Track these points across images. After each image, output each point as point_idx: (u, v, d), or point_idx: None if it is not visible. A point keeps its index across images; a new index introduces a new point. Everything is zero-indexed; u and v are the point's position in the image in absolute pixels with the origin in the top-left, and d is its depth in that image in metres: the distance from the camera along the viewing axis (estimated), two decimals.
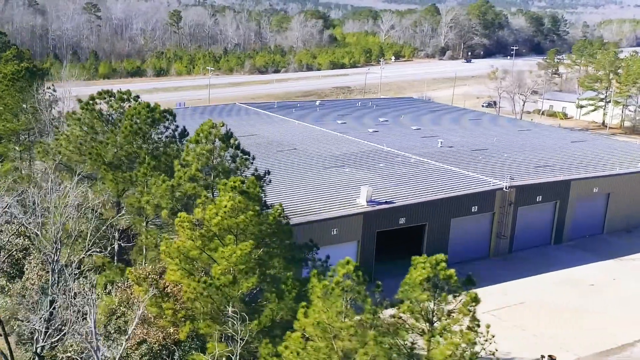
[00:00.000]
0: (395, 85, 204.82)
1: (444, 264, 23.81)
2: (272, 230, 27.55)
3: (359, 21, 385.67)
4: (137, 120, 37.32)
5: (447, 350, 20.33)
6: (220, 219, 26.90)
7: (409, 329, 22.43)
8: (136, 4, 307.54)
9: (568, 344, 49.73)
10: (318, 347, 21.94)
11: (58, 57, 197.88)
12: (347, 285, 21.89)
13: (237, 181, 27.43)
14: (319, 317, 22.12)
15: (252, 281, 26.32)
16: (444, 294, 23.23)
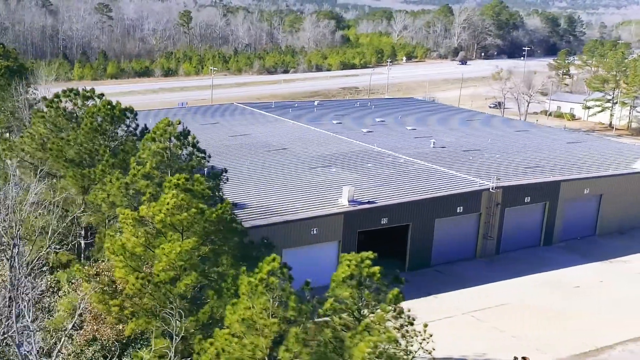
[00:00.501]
0: (405, 85, 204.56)
1: (369, 262, 23.78)
2: (215, 228, 27.70)
3: (373, 22, 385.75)
4: (97, 118, 37.67)
5: (366, 347, 20.33)
6: (163, 216, 27.12)
7: (334, 326, 22.40)
8: (148, 5, 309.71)
9: (545, 345, 49.41)
10: (243, 344, 22.04)
11: (67, 57, 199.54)
12: (271, 282, 21.94)
13: (181, 178, 27.63)
14: (244, 314, 22.23)
15: (191, 278, 26.47)
16: (367, 292, 23.21)
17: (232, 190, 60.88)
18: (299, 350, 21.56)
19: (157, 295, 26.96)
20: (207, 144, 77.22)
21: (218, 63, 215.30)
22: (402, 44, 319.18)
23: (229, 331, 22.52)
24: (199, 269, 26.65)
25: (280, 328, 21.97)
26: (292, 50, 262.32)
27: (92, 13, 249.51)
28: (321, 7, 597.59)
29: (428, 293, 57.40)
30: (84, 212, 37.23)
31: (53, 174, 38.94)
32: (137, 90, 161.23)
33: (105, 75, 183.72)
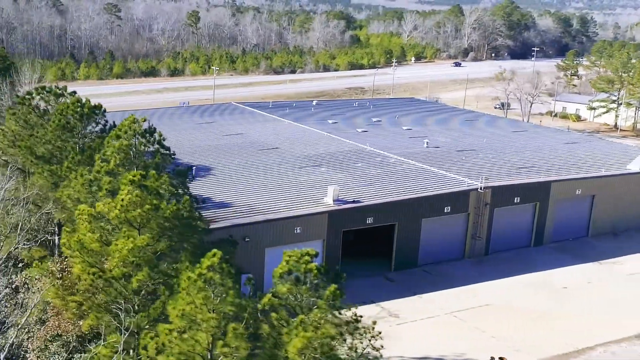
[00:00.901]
0: (411, 86, 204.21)
1: (308, 258, 23.86)
2: (170, 225, 27.89)
3: (384, 22, 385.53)
4: (65, 115, 37.98)
5: (300, 343, 20.40)
6: (118, 212, 27.34)
7: (272, 322, 22.50)
8: (158, 5, 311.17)
9: (526, 346, 49.26)
10: (183, 339, 22.20)
11: (74, 56, 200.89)
12: (209, 278, 22.07)
13: (136, 175, 27.84)
14: (184, 309, 22.38)
15: (143, 274, 26.66)
16: (304, 287, 23.27)
17: (217, 188, 61.27)
18: (237, 346, 21.70)
19: (109, 291, 27.18)
20: (200, 142, 77.94)
21: (225, 63, 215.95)
22: (411, 44, 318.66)
23: (171, 326, 22.69)
24: (152, 265, 26.84)
25: (220, 323, 22.09)
26: (301, 50, 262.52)
27: (101, 13, 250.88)
28: (334, 8, 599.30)
29: (413, 293, 57.39)
30: (55, 209, 37.56)
31: (25, 170, 39.36)
32: (142, 90, 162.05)
33: (111, 75, 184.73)
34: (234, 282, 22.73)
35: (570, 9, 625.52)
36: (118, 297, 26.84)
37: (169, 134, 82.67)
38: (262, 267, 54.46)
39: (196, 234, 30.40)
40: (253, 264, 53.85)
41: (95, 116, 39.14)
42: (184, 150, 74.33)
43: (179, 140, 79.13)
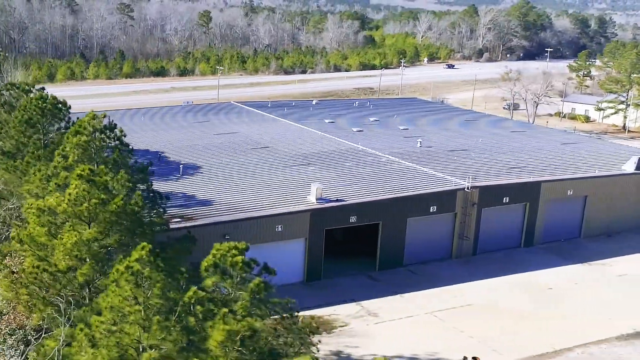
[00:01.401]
0: (422, 86, 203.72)
1: (235, 251, 24.04)
2: (119, 220, 28.19)
3: (400, 23, 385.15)
4: (28, 111, 38.50)
5: (220, 335, 20.57)
6: (66, 206, 27.71)
7: (197, 314, 22.70)
8: (173, 5, 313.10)
9: (502, 346, 49.11)
10: (112, 331, 22.49)
11: (85, 56, 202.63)
12: (136, 270, 22.31)
13: (85, 169, 28.19)
14: (113, 301, 22.68)
15: (87, 268, 27.00)
16: (229, 281, 23.45)
17: (202, 186, 61.68)
18: (163, 338, 21.93)
19: (54, 284, 27.57)
20: (192, 141, 78.43)
21: (235, 63, 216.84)
22: (425, 44, 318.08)
23: (101, 318, 22.99)
24: (99, 259, 27.17)
25: (148, 316, 22.34)
26: (313, 50, 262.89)
27: (113, 13, 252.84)
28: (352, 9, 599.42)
29: (395, 292, 57.38)
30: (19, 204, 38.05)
31: None
32: (149, 89, 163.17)
33: (121, 75, 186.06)
34: (166, 275, 22.94)
35: (593, 10, 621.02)
36: (63, 291, 27.23)
37: (164, 132, 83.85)
38: None
39: (148, 230, 30.71)
40: None
41: (59, 112, 39.67)
42: (176, 148, 74.96)
43: (172, 139, 79.82)
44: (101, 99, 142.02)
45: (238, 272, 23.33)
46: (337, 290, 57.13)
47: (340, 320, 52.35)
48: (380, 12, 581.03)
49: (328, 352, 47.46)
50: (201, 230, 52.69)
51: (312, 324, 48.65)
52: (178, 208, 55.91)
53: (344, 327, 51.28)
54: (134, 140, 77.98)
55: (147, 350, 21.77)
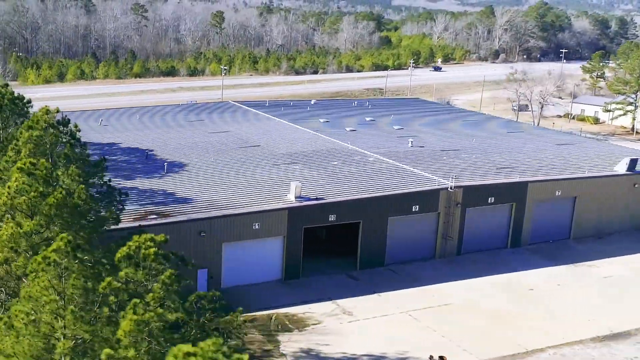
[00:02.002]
0: (432, 88, 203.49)
1: (150, 243, 24.40)
2: (56, 212, 28.67)
3: (418, 23, 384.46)
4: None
5: (128, 326, 20.92)
6: (6, 199, 28.30)
7: (111, 305, 23.08)
8: (190, 6, 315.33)
9: (473, 346, 49.06)
10: (30, 320, 22.95)
11: (97, 56, 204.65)
12: (53, 261, 22.75)
13: (26, 162, 28.75)
14: (31, 291, 23.14)
15: (21, 260, 27.54)
16: (141, 272, 23.79)
17: (184, 184, 62.23)
18: (79, 327, 22.34)
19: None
20: (183, 139, 79.08)
21: (246, 63, 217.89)
22: (441, 45, 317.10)
23: (20, 307, 23.46)
24: (32, 252, 27.69)
25: (64, 305, 22.78)
26: (326, 51, 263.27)
27: (128, 13, 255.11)
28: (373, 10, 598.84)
29: (373, 291, 57.50)
30: None
31: None
32: (157, 89, 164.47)
33: (130, 75, 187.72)
34: (87, 267, 23.38)
35: (618, 11, 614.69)
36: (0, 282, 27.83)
37: (157, 131, 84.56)
38: (219, 262, 55.34)
39: (94, 224, 31.19)
40: (210, 259, 54.83)
41: (17, 108, 40.33)
42: (165, 146, 75.66)
43: (164, 138, 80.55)
44: (106, 99, 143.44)
45: (151, 263, 23.68)
46: (314, 289, 57.38)
47: (315, 318, 52.58)
48: (402, 12, 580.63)
49: (298, 350, 47.80)
50: (177, 227, 53.42)
51: (285, 322, 48.97)
52: (156, 205, 56.57)
53: (317, 325, 51.51)
54: (125, 139, 79.11)
55: (62, 339, 22.21)
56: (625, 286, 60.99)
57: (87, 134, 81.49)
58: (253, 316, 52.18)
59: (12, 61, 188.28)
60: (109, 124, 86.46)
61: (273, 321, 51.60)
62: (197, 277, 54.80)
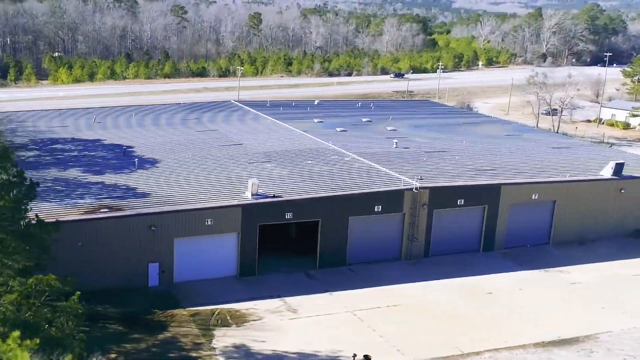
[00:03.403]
0: (466, 91, 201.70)
1: None
2: None
3: (467, 26, 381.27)
4: None
5: None
6: None
7: None
8: (233, 8, 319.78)
9: (409, 347, 49.12)
10: None
11: (131, 56, 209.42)
12: None
13: None
14: None
15: None
16: None
17: (148, 179, 63.89)
18: None
19: None
20: (169, 137, 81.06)
21: (279, 65, 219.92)
22: (486, 48, 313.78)
23: None
24: None
25: None
26: (364, 53, 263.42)
27: (167, 14, 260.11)
28: (429, 12, 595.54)
29: (325, 290, 58.01)
30: None
31: None
32: (180, 89, 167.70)
33: (160, 75, 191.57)
34: None
35: None
36: None
37: (146, 129, 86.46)
38: (171, 257, 56.66)
39: None
40: (161, 253, 56.26)
41: None
42: (148, 144, 77.62)
43: (150, 135, 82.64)
44: (125, 98, 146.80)
45: None
46: (266, 286, 58.18)
47: (257, 314, 53.38)
48: (461, 14, 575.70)
49: (229, 345, 48.68)
50: (126, 221, 55.05)
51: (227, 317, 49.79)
52: (113, 199, 58.27)
53: (257, 321, 52.30)
54: (111, 136, 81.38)
55: None
56: (590, 293, 59.99)
57: (78, 131, 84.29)
58: (196, 310, 53.46)
59: (46, 61, 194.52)
60: (103, 121, 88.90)
61: (214, 316, 52.62)
62: (148, 271, 56.55)
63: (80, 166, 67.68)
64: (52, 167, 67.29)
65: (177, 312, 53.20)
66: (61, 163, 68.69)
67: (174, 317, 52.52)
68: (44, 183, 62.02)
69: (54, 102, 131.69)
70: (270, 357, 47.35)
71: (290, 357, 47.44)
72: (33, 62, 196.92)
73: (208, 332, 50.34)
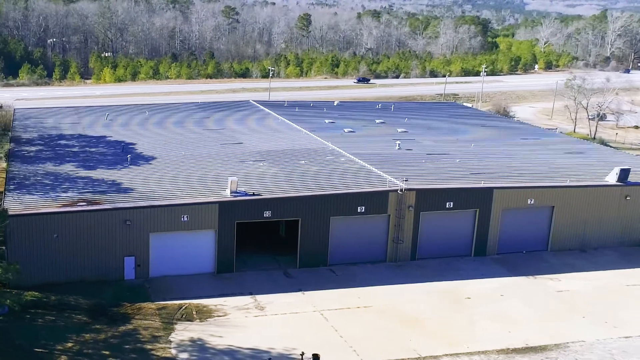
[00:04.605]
0: (515, 94, 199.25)
1: None
2: None
3: (532, 28, 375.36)
4: None
5: None
6: None
7: None
8: (286, 9, 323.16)
9: (365, 348, 49.54)
10: None
11: (176, 57, 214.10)
12: None
13: None
14: None
15: None
16: None
17: (135, 175, 65.99)
18: None
19: None
20: (170, 135, 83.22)
21: (325, 66, 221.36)
22: (547, 51, 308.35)
23: None
24: None
25: None
26: (415, 55, 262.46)
27: (218, 16, 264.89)
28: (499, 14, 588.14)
29: (299, 289, 58.81)
30: None
31: None
32: (218, 89, 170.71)
33: (202, 75, 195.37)
34: None
35: None
36: None
37: (153, 126, 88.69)
38: (147, 251, 58.46)
39: None
40: (137, 247, 58.12)
41: None
42: (150, 141, 79.99)
43: (154, 133, 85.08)
44: (159, 97, 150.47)
45: None
46: (241, 283, 59.35)
47: (223, 310, 54.60)
48: (532, 17, 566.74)
49: (186, 339, 50.04)
50: (102, 215, 57.07)
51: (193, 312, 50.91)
52: (95, 193, 60.45)
53: (221, 317, 53.50)
54: (116, 133, 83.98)
55: None
56: (574, 302, 59.05)
57: (88, 128, 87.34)
58: (164, 304, 55.04)
59: (92, 60, 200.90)
60: (114, 119, 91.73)
61: (180, 311, 54.06)
62: (124, 265, 58.46)
63: (75, 161, 70.26)
64: (48, 161, 70.02)
65: (145, 305, 54.92)
66: (58, 158, 71.41)
67: (141, 310, 54.23)
68: (34, 177, 64.98)
69: (88, 101, 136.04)
70: (223, 352, 48.49)
71: (242, 352, 48.50)
72: (80, 62, 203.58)
73: (170, 325, 51.79)
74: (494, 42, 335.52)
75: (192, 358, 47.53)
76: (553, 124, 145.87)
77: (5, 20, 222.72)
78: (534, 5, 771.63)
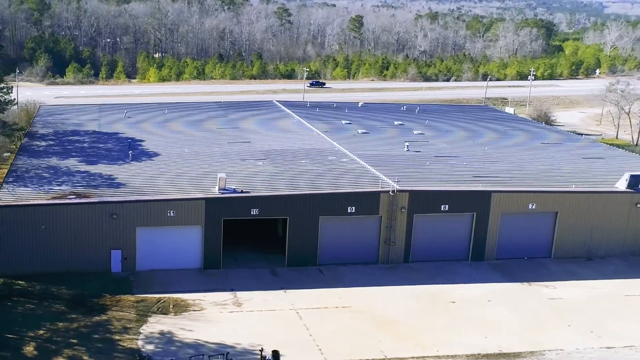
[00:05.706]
0: (568, 99, 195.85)
1: None
2: None
3: (601, 32, 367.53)
4: None
5: None
6: None
7: None
8: (342, 11, 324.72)
9: (331, 347, 50.14)
10: None
11: (223, 57, 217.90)
12: None
13: None
14: None
15: None
16: None
17: (131, 170, 68.12)
18: None
19: None
20: (182, 134, 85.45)
21: (374, 69, 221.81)
22: (611, 55, 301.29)
23: None
24: None
25: None
26: (470, 58, 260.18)
27: (270, 17, 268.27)
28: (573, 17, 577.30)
29: (281, 287, 59.73)
30: None
31: None
32: (257, 90, 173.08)
33: (245, 76, 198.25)
34: None
35: None
36: None
37: (171, 125, 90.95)
38: (133, 245, 60.36)
39: None
40: (124, 241, 60.11)
41: None
42: (160, 138, 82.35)
43: (168, 130, 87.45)
44: (194, 97, 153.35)
45: None
46: (224, 280, 60.64)
47: (200, 305, 55.95)
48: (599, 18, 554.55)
49: (156, 331, 51.58)
50: (89, 208, 59.25)
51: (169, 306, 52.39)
52: (87, 187, 62.76)
53: (197, 312, 54.87)
54: (129, 130, 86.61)
55: None
56: (564, 310, 58.23)
57: (105, 125, 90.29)
58: (143, 297, 56.75)
59: (140, 60, 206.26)
60: (133, 117, 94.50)
61: (157, 304, 55.65)
62: (110, 257, 60.51)
63: (80, 156, 72.89)
64: (54, 156, 72.82)
65: (124, 297, 56.73)
66: (65, 153, 74.21)
67: (120, 302, 56.05)
68: (35, 170, 67.78)
69: (124, 99, 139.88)
70: (188, 345, 49.78)
71: (208, 346, 49.66)
72: (128, 62, 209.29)
73: (143, 318, 53.42)
74: (559, 45, 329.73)
75: (157, 350, 48.96)
76: (600, 130, 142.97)
77: (59, 20, 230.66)
78: (614, 8, 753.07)
